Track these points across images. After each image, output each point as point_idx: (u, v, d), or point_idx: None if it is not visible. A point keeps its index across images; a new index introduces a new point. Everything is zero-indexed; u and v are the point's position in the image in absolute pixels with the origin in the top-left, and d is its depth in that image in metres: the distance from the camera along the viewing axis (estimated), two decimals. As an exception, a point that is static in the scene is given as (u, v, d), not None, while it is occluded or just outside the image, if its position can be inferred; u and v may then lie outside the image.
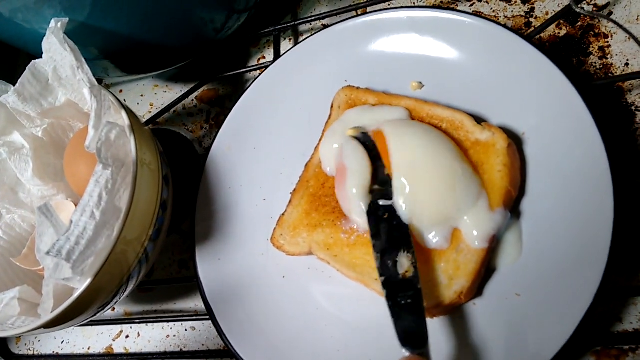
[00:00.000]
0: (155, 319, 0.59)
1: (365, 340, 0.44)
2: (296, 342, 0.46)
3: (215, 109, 0.69)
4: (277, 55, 0.62)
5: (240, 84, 0.68)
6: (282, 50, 0.61)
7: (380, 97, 0.51)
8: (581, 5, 0.50)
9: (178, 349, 0.58)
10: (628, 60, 0.51)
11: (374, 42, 0.54)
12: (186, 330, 0.59)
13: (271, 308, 0.49)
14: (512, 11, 0.58)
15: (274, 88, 0.57)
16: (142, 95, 0.75)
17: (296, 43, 0.65)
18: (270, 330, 0.47)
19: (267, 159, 0.56)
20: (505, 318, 0.41)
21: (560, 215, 0.42)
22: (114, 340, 0.62)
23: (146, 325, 0.61)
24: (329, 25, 0.56)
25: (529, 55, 0.46)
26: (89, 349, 0.63)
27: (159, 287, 0.62)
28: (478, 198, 0.43)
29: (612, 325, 0.44)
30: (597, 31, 0.53)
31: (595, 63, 0.52)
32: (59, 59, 0.47)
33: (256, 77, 0.58)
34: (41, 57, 0.48)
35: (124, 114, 0.46)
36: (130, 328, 0.62)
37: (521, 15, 0.57)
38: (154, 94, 0.74)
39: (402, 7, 0.53)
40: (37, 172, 0.53)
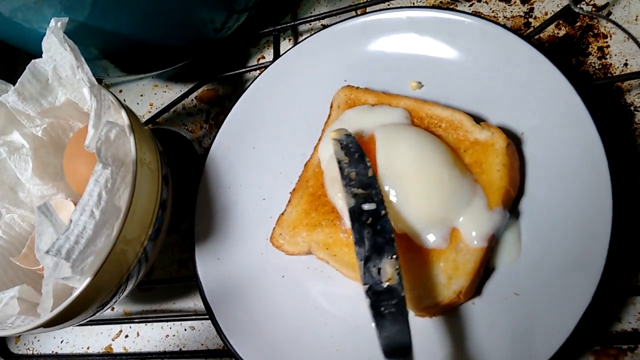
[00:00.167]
0: (155, 319, 0.59)
1: (364, 339, 0.44)
2: (295, 341, 0.46)
3: (214, 109, 0.69)
4: (277, 55, 0.62)
5: (239, 84, 0.69)
6: (282, 50, 0.61)
7: (380, 97, 0.51)
8: (580, 6, 0.50)
9: (177, 349, 0.58)
10: (627, 60, 0.51)
11: (374, 42, 0.54)
12: (185, 329, 0.59)
13: (270, 307, 0.49)
14: (512, 11, 0.58)
15: (273, 88, 0.57)
16: (142, 95, 0.75)
17: (296, 43, 0.65)
18: (269, 329, 0.48)
19: (267, 158, 0.56)
20: (504, 317, 0.41)
21: (559, 215, 0.42)
22: (113, 339, 0.62)
23: (145, 325, 0.61)
24: (328, 25, 0.56)
25: (528, 56, 0.46)
26: (88, 348, 0.63)
27: (158, 287, 0.62)
28: (471, 198, 0.43)
29: (611, 324, 0.44)
30: (596, 31, 0.53)
31: (594, 63, 0.52)
32: (59, 59, 0.47)
33: (256, 77, 0.58)
34: (41, 57, 0.48)
35: (123, 113, 0.46)
36: (130, 328, 0.62)
37: (520, 16, 0.57)
38: (154, 94, 0.74)
39: (402, 7, 0.53)
40: (37, 172, 0.53)
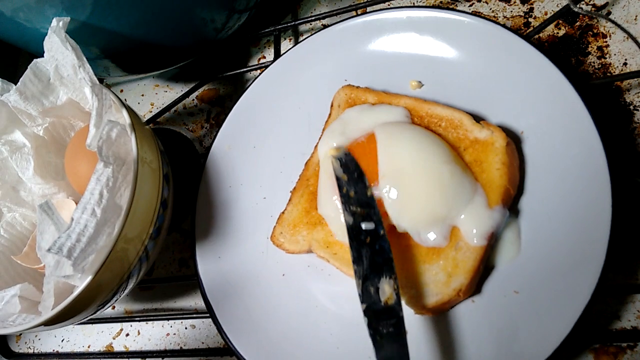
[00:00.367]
0: (156, 317, 0.59)
1: (364, 337, 0.44)
2: (296, 340, 0.46)
3: (215, 109, 0.69)
4: (278, 55, 0.63)
5: (240, 84, 0.69)
6: (283, 50, 0.61)
7: (380, 96, 0.51)
8: (580, 5, 0.51)
9: (178, 347, 0.58)
10: (626, 59, 0.51)
11: (374, 42, 0.55)
12: (186, 328, 0.59)
13: (271, 306, 0.49)
14: (511, 11, 0.58)
15: (274, 87, 0.57)
16: (143, 95, 0.75)
17: (296, 43, 0.65)
18: (270, 327, 0.48)
19: (267, 157, 0.56)
20: (504, 315, 0.41)
21: (559, 213, 0.42)
22: (114, 338, 0.62)
23: (146, 324, 0.61)
24: (328, 25, 0.57)
25: (528, 55, 0.46)
26: (89, 347, 0.63)
27: (159, 285, 0.62)
28: (472, 197, 0.43)
29: (610, 322, 0.44)
30: (596, 31, 0.53)
31: (593, 62, 0.52)
32: (61, 58, 0.47)
33: (256, 77, 0.58)
34: (42, 56, 0.48)
35: (124, 112, 0.46)
36: (131, 326, 0.62)
37: (520, 15, 0.57)
38: (155, 94, 0.74)
39: (402, 7, 0.53)
40: (38, 171, 0.53)
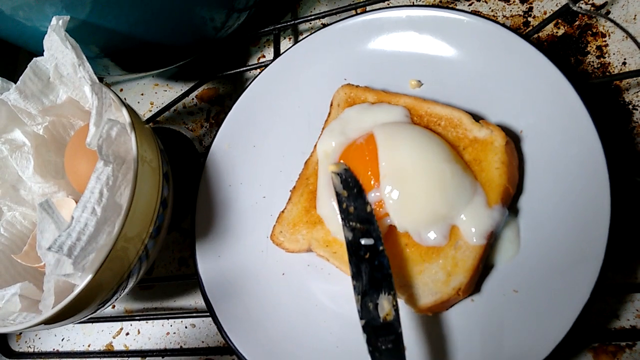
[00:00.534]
0: (155, 316, 0.59)
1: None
2: (296, 338, 0.46)
3: (215, 108, 0.69)
4: (277, 54, 0.63)
5: (240, 83, 0.69)
6: (282, 49, 0.61)
7: (380, 95, 0.51)
8: (579, 5, 0.51)
9: (178, 346, 0.58)
10: (625, 59, 0.51)
11: (373, 41, 0.55)
12: (186, 327, 0.59)
13: (271, 304, 0.49)
14: (511, 10, 0.58)
15: (273, 86, 0.57)
16: (143, 94, 0.75)
17: (296, 42, 0.65)
18: (269, 326, 0.48)
19: (267, 157, 0.56)
20: (503, 314, 0.41)
21: (558, 213, 0.42)
22: (114, 337, 0.62)
23: (146, 323, 0.61)
24: (328, 24, 0.57)
25: (527, 54, 0.47)
26: (89, 346, 0.63)
27: (159, 285, 0.62)
28: (472, 196, 0.43)
29: (609, 321, 0.44)
30: (595, 30, 0.53)
31: (592, 62, 0.52)
32: (60, 57, 0.47)
33: (256, 76, 0.58)
34: (42, 55, 0.48)
35: (124, 111, 0.46)
36: (130, 325, 0.62)
37: (519, 15, 0.57)
38: (154, 93, 0.74)
39: (401, 6, 0.53)
40: (38, 170, 0.53)
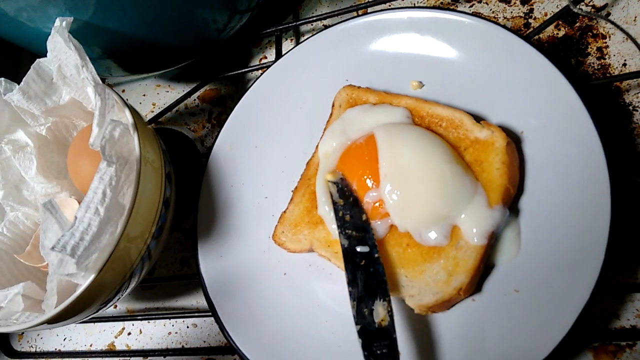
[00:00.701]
0: (157, 316, 0.59)
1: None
2: (297, 338, 0.47)
3: (217, 109, 0.69)
4: (279, 55, 0.63)
5: (242, 84, 0.69)
6: (284, 50, 0.62)
7: (381, 96, 0.51)
8: (579, 6, 0.51)
9: (180, 346, 0.58)
10: (626, 60, 0.51)
11: (375, 42, 0.55)
12: (188, 327, 0.59)
13: (273, 304, 0.49)
14: (511, 12, 0.58)
15: (275, 87, 0.58)
16: (145, 95, 0.75)
17: (297, 43, 0.66)
18: (271, 326, 0.48)
19: (269, 157, 0.56)
20: (504, 314, 0.41)
21: (558, 213, 0.42)
22: (115, 337, 0.62)
23: (148, 323, 0.61)
24: (330, 26, 0.57)
25: (528, 56, 0.47)
26: (90, 345, 0.63)
27: (160, 285, 0.63)
28: (473, 196, 0.43)
29: (610, 321, 0.44)
30: (595, 32, 0.54)
31: (593, 63, 0.53)
32: (64, 58, 0.48)
33: (258, 77, 0.58)
34: (44, 56, 0.49)
35: (127, 112, 0.46)
36: (132, 325, 0.62)
37: (520, 16, 0.58)
38: (156, 94, 0.75)
39: (403, 8, 0.54)
40: (41, 170, 0.53)
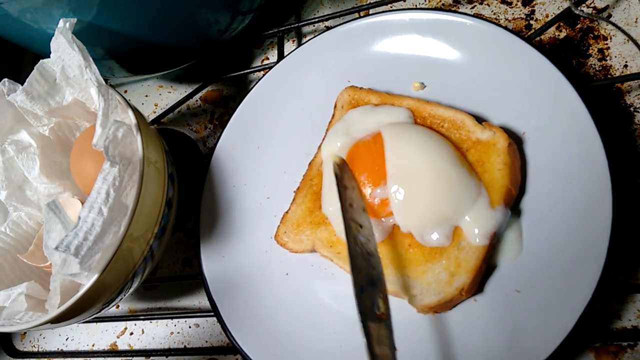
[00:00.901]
0: (159, 316, 0.59)
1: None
2: (299, 338, 0.47)
3: (219, 109, 0.70)
4: (281, 56, 0.63)
5: (244, 85, 0.69)
6: (286, 52, 0.62)
7: (383, 97, 0.52)
8: (581, 8, 0.51)
9: (182, 346, 0.59)
10: (627, 62, 0.52)
11: (377, 43, 0.55)
12: (190, 327, 0.59)
13: (275, 304, 0.49)
14: (513, 13, 0.58)
15: (277, 88, 0.58)
16: (147, 96, 0.76)
17: (299, 44, 0.66)
18: (273, 326, 0.48)
19: (271, 158, 0.56)
20: (506, 314, 0.41)
21: (560, 214, 0.42)
22: (118, 337, 0.62)
23: (150, 322, 0.61)
24: (331, 27, 0.57)
25: (530, 57, 0.47)
26: (93, 345, 0.63)
27: (163, 285, 0.63)
28: (477, 198, 0.43)
29: (611, 322, 0.44)
30: (597, 33, 0.54)
31: (594, 65, 0.53)
32: (67, 59, 0.48)
33: (260, 78, 0.59)
34: (47, 57, 0.49)
35: (130, 113, 0.46)
36: (135, 325, 0.62)
37: (521, 18, 0.58)
38: (159, 95, 0.75)
39: (404, 9, 0.54)
40: (44, 170, 0.54)
